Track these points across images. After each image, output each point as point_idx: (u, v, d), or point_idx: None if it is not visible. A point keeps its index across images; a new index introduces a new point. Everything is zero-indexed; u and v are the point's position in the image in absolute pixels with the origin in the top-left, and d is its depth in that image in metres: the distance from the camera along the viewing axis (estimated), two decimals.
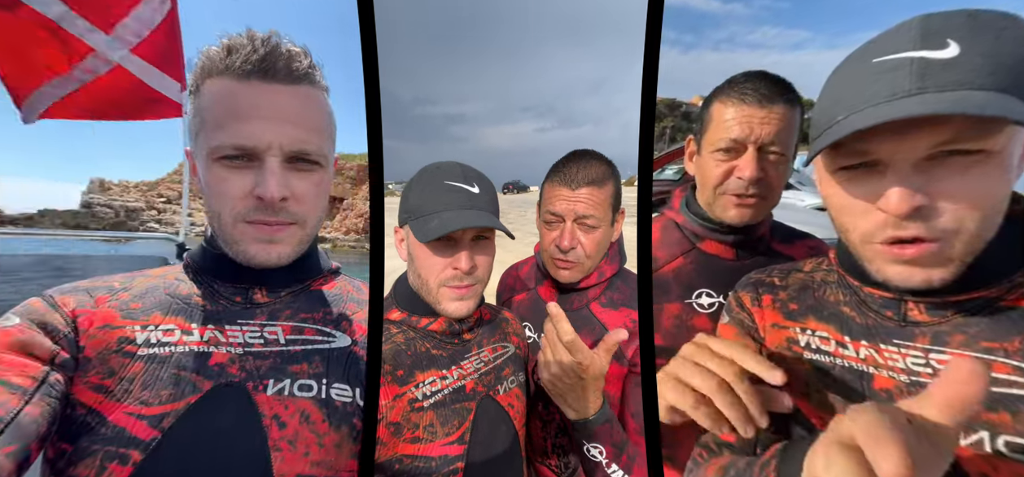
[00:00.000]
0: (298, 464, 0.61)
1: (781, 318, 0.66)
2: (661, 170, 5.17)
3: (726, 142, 0.83)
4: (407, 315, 0.84)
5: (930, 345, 0.52)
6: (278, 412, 0.62)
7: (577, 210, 0.91)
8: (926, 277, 0.49)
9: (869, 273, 0.54)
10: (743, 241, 0.91)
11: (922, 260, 0.49)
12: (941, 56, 0.45)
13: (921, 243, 0.48)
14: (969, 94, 0.43)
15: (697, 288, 0.91)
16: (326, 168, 0.67)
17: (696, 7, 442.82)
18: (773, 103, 0.80)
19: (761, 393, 0.51)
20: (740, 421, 0.50)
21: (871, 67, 0.48)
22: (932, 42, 0.45)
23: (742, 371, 0.51)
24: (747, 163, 0.81)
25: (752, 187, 0.83)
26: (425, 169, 0.82)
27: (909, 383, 0.52)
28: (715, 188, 0.87)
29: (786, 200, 0.97)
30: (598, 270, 0.98)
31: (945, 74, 0.44)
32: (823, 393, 0.59)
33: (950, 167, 0.46)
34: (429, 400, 0.78)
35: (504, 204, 2.84)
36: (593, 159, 0.93)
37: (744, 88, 0.81)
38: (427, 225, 0.76)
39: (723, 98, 0.84)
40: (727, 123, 0.82)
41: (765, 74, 0.83)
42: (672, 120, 35.14)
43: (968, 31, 0.44)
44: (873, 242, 0.52)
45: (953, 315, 0.52)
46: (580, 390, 0.75)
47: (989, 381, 0.37)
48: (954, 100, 0.43)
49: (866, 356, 0.56)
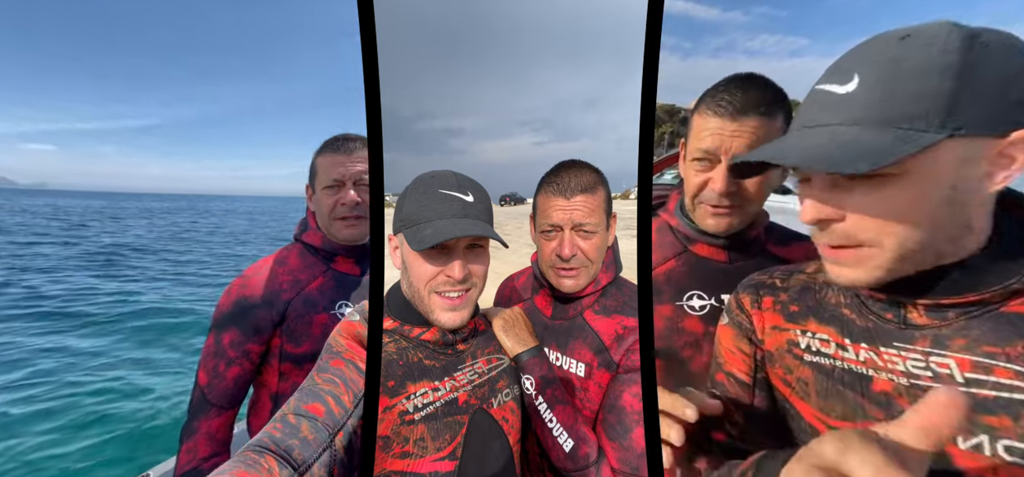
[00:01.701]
0: None
1: (782, 320, 0.66)
2: (660, 175, 5.17)
3: (700, 152, 0.84)
4: (399, 324, 0.82)
5: (930, 348, 0.52)
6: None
7: (574, 218, 0.90)
8: (851, 278, 0.53)
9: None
10: (736, 243, 0.92)
11: (845, 262, 0.53)
12: (840, 91, 0.49)
13: (843, 249, 0.52)
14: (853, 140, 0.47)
15: (688, 290, 0.92)
16: None
17: (695, 15, 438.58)
18: (746, 115, 0.79)
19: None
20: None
21: (816, 92, 0.53)
22: (840, 77, 0.50)
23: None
24: (718, 176, 0.82)
25: (725, 199, 0.83)
26: (419, 177, 0.81)
27: (909, 386, 0.52)
28: (693, 197, 0.88)
29: (783, 204, 0.97)
30: (593, 282, 0.97)
31: (841, 109, 0.49)
32: (823, 396, 0.59)
33: (864, 185, 0.49)
34: (420, 413, 0.76)
35: (502, 216, 2.89)
36: (582, 167, 0.94)
37: (721, 99, 0.81)
38: (421, 233, 0.74)
39: (703, 107, 0.85)
40: (702, 134, 0.83)
41: (745, 82, 0.82)
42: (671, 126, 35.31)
43: (870, 63, 0.48)
44: (819, 244, 0.56)
45: (954, 318, 0.51)
46: (518, 329, 0.91)
47: (967, 413, 0.37)
48: (829, 152, 0.47)
49: (866, 358, 0.56)
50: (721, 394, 0.70)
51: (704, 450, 0.70)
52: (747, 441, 0.68)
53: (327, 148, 1.11)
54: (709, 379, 0.74)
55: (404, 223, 0.79)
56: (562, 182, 0.92)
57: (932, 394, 0.38)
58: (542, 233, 0.96)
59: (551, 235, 0.94)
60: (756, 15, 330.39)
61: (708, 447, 0.70)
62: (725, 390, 0.70)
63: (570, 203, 0.90)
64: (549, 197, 0.93)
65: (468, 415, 0.80)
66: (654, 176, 2.71)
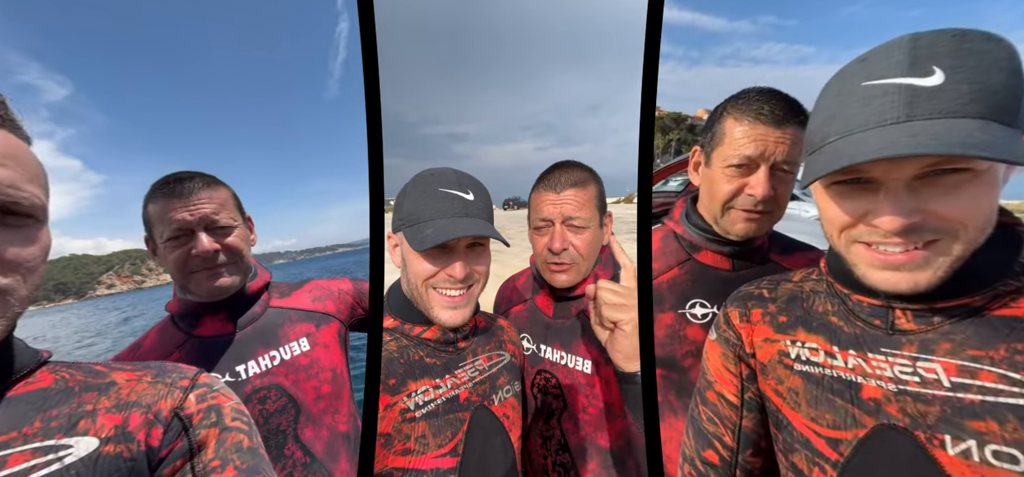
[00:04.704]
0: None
1: (772, 332, 0.66)
2: (664, 182, 5.18)
3: (740, 158, 0.83)
4: (400, 322, 0.83)
5: (917, 353, 0.52)
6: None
7: (564, 211, 0.92)
8: (913, 282, 0.50)
9: (857, 278, 0.56)
10: (740, 251, 0.92)
11: (909, 265, 0.50)
12: (927, 84, 0.46)
13: (909, 250, 0.50)
14: (954, 124, 0.45)
15: (691, 298, 0.91)
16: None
17: (701, 25, 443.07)
18: (788, 124, 0.82)
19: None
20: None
21: (860, 90, 0.50)
22: (918, 69, 0.47)
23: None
24: (760, 181, 0.83)
25: (761, 204, 0.84)
26: (419, 175, 0.81)
27: (897, 391, 0.52)
28: (724, 202, 0.87)
29: (790, 211, 0.97)
30: (593, 277, 0.97)
31: (931, 103, 0.46)
32: (813, 404, 0.59)
33: (939, 186, 0.48)
34: (421, 410, 0.76)
35: (504, 219, 2.87)
36: (574, 165, 0.96)
37: (761, 108, 0.83)
38: (422, 233, 0.75)
39: (737, 114, 0.85)
40: (741, 140, 0.83)
41: (779, 93, 0.85)
42: (677, 133, 35.47)
43: (954, 56, 0.46)
44: (857, 243, 0.54)
45: (940, 323, 0.52)
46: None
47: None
48: (939, 135, 0.45)
49: (854, 365, 0.56)
50: (712, 412, 0.70)
51: (695, 468, 0.71)
52: (737, 463, 0.68)
53: (159, 193, 0.89)
54: (698, 394, 0.74)
55: (404, 221, 0.79)
56: (553, 178, 0.94)
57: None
58: (535, 229, 0.98)
59: (543, 230, 0.96)
60: (762, 24, 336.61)
61: (702, 468, 0.70)
62: (716, 409, 0.70)
63: (560, 197, 0.92)
64: (540, 193, 0.96)
65: (469, 412, 0.80)
66: (659, 183, 2.72)
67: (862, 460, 0.54)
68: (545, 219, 0.95)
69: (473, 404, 0.81)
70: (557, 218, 0.93)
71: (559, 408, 0.97)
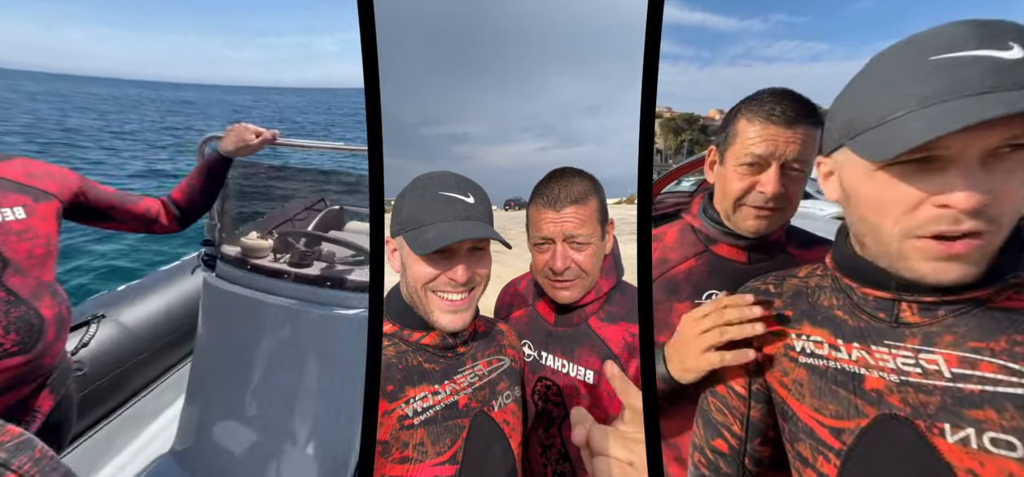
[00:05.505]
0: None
1: (777, 325, 0.68)
2: (678, 182, 5.11)
3: (751, 157, 0.85)
4: (398, 328, 0.81)
5: (920, 345, 0.53)
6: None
7: (565, 230, 0.89)
8: (963, 273, 0.50)
9: (897, 272, 0.54)
10: (757, 244, 0.92)
11: (966, 256, 0.49)
12: (1008, 56, 0.45)
13: (970, 239, 0.48)
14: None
15: (706, 289, 0.92)
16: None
17: (713, 25, 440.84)
18: (799, 124, 0.82)
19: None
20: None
21: (927, 64, 0.48)
22: (996, 43, 0.46)
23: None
24: (770, 179, 0.84)
25: (772, 201, 0.85)
26: (417, 179, 0.80)
27: (899, 382, 0.54)
28: (736, 200, 0.89)
29: (805, 209, 0.97)
30: (595, 285, 0.95)
31: (1015, 74, 0.45)
32: (817, 395, 0.60)
33: (1009, 162, 0.47)
34: (420, 417, 0.75)
35: (506, 220, 2.87)
36: (573, 176, 0.93)
37: (772, 108, 0.84)
38: (423, 237, 0.74)
39: (749, 115, 0.87)
40: (753, 140, 0.85)
41: (791, 94, 0.86)
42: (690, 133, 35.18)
43: (1022, 36, 0.46)
44: (916, 237, 0.51)
45: (944, 316, 0.53)
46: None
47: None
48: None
49: (858, 357, 0.58)
50: (721, 403, 0.71)
51: (704, 455, 0.71)
52: (746, 452, 0.69)
53: None
54: (707, 387, 0.73)
55: (404, 226, 0.77)
56: (551, 193, 0.90)
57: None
58: (535, 246, 0.95)
59: (543, 248, 0.93)
60: (774, 22, 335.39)
61: (712, 457, 0.70)
62: (725, 401, 0.71)
63: (560, 215, 0.89)
64: (540, 209, 0.92)
65: (469, 418, 0.79)
66: (673, 183, 2.70)
67: (864, 448, 0.55)
68: (545, 238, 0.92)
69: (473, 410, 0.80)
70: (558, 237, 0.90)
71: (560, 416, 0.95)
